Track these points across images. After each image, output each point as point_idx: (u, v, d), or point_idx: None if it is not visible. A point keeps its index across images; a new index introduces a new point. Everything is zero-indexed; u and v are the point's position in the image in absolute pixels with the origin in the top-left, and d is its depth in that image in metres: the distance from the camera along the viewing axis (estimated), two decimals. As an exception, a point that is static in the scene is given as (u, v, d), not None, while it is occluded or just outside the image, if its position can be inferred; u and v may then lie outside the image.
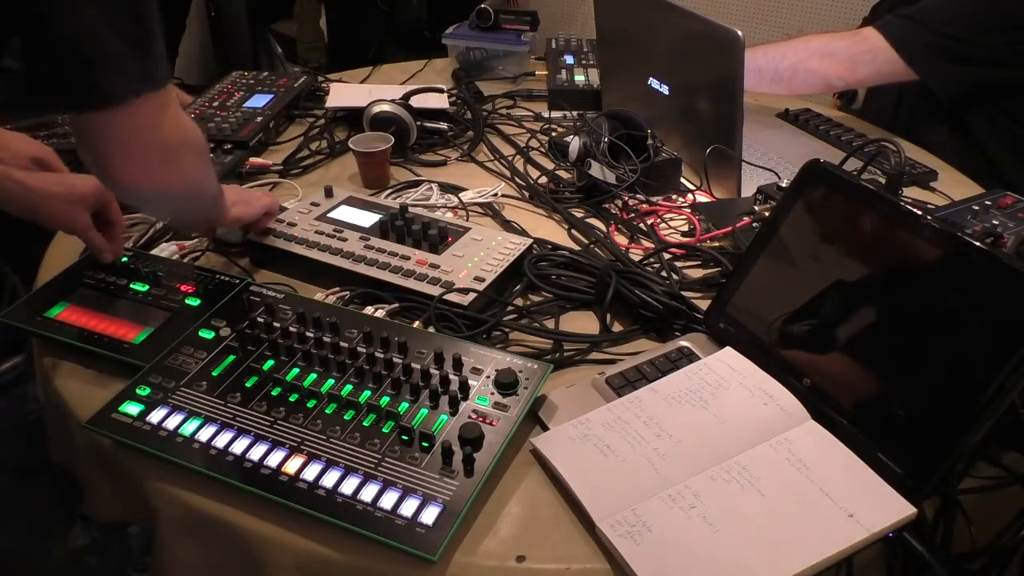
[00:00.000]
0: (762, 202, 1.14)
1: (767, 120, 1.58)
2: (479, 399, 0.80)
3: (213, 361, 0.84)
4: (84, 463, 0.88)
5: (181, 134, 0.79)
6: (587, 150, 1.21)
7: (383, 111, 1.36)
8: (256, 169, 1.32)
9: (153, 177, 0.77)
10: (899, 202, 0.81)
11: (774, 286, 0.89)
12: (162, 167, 0.77)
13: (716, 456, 0.75)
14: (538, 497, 0.75)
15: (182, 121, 0.80)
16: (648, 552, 0.66)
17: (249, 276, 1.00)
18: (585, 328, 0.96)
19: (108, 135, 0.73)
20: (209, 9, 2.94)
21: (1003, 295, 0.69)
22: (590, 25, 1.57)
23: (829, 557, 0.66)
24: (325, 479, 0.72)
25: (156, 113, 0.75)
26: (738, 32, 1.10)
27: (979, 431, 0.68)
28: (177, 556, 0.78)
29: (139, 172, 0.76)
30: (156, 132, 0.76)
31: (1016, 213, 1.13)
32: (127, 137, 0.74)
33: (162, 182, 0.78)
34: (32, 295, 0.97)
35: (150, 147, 0.76)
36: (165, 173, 0.78)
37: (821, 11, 2.70)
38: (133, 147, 0.75)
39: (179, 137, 0.79)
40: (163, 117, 0.76)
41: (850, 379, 0.78)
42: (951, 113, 1.45)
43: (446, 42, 1.80)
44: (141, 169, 0.76)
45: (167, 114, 0.76)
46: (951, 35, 1.34)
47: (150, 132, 0.75)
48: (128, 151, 0.75)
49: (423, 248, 1.04)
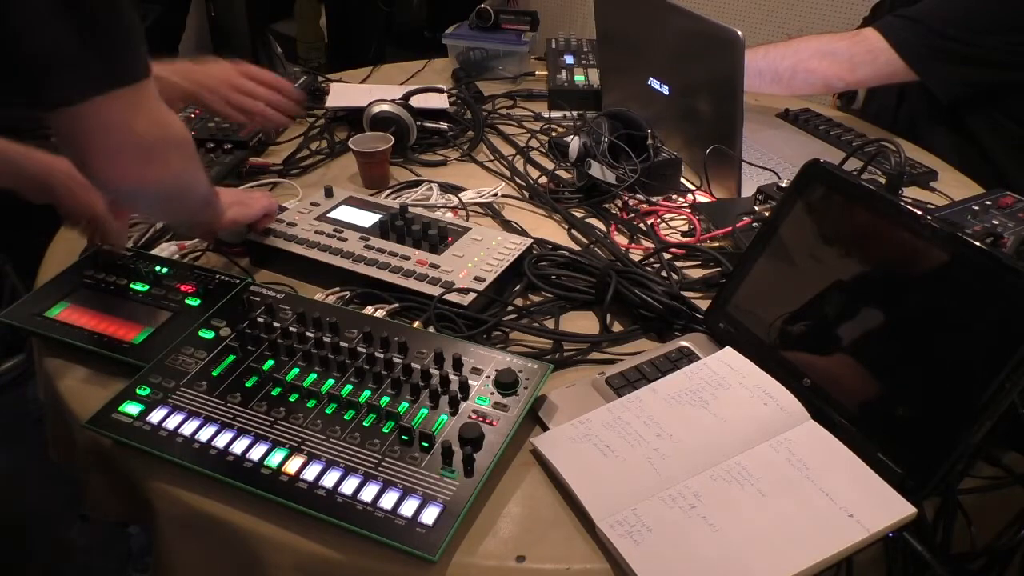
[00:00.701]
0: (762, 202, 1.14)
1: (767, 120, 1.58)
2: (479, 399, 0.80)
3: (213, 361, 0.84)
4: (84, 463, 0.88)
5: (161, 130, 0.77)
6: (587, 150, 1.21)
7: (383, 111, 1.36)
8: (256, 169, 1.32)
9: (132, 175, 0.76)
10: (899, 202, 0.81)
11: (774, 286, 0.89)
12: (142, 164, 0.76)
13: (716, 456, 0.75)
14: (538, 497, 0.75)
15: (163, 117, 0.77)
16: (648, 552, 0.66)
17: (249, 276, 1.00)
18: (585, 328, 0.96)
19: (78, 132, 0.72)
20: (209, 9, 2.95)
21: (1003, 295, 0.69)
22: (590, 25, 1.57)
23: (829, 557, 0.66)
24: (325, 479, 0.72)
25: (129, 109, 0.73)
26: (738, 32, 1.10)
27: (979, 431, 0.68)
28: (177, 556, 0.78)
29: (116, 169, 0.75)
30: (131, 129, 0.74)
31: (1016, 213, 1.13)
32: (98, 134, 0.72)
33: (142, 180, 0.77)
34: (32, 295, 0.97)
35: (125, 144, 0.74)
36: (145, 171, 0.76)
37: (821, 11, 2.70)
38: (107, 144, 0.73)
39: (158, 134, 0.76)
40: (136, 114, 0.73)
41: (850, 379, 0.78)
42: (951, 113, 1.45)
43: (446, 42, 1.80)
44: (118, 166, 0.75)
45: (141, 111, 0.74)
46: (951, 36, 1.34)
47: (125, 129, 0.73)
48: (102, 148, 0.73)
49: (423, 248, 1.04)
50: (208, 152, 1.31)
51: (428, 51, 1.92)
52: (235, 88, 1.20)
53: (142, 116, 0.74)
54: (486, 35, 1.79)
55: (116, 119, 0.72)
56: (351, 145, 1.29)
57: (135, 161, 0.75)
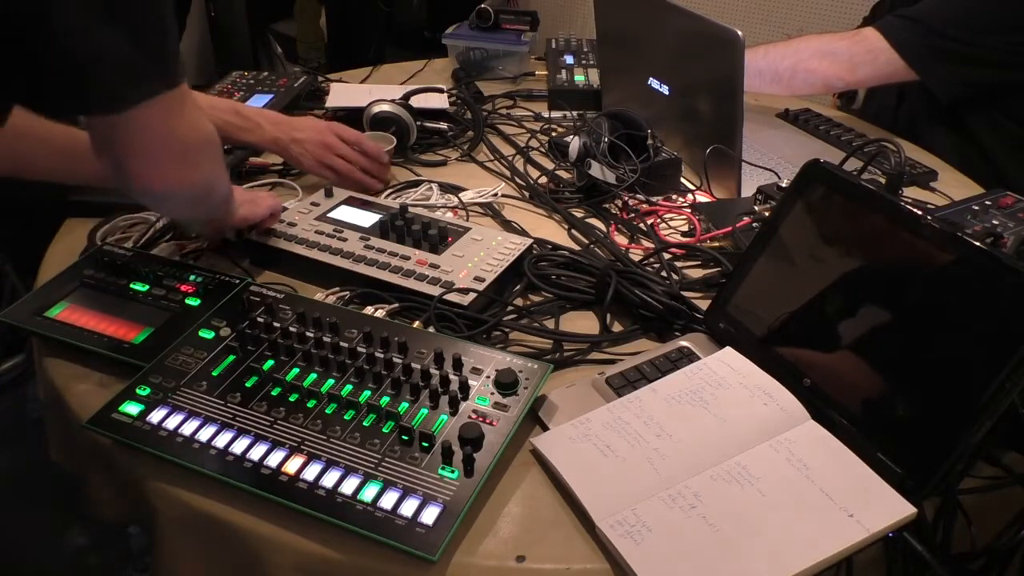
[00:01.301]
0: (762, 202, 1.14)
1: (767, 120, 1.58)
2: (479, 399, 0.80)
3: (213, 361, 0.84)
4: (84, 463, 0.88)
5: (198, 133, 0.78)
6: (587, 150, 1.21)
7: (383, 111, 1.36)
8: (256, 169, 1.32)
9: (170, 177, 0.77)
10: (899, 202, 0.81)
11: (774, 286, 0.89)
12: (179, 167, 0.77)
13: (716, 456, 0.75)
14: (538, 497, 0.75)
15: (198, 120, 0.78)
16: (648, 552, 0.66)
17: (249, 276, 1.00)
18: (585, 328, 0.96)
19: (124, 138, 0.73)
20: (209, 9, 2.94)
21: (1003, 295, 0.69)
22: (590, 25, 1.57)
23: (829, 557, 0.66)
24: (325, 479, 0.72)
25: (171, 113, 0.74)
26: (738, 32, 1.10)
27: (979, 431, 0.68)
28: (177, 556, 0.78)
29: (156, 173, 0.76)
30: (173, 132, 0.75)
31: (1016, 213, 1.13)
32: (143, 139, 0.73)
33: (179, 182, 0.78)
34: (32, 295, 0.97)
35: (168, 148, 0.75)
36: (182, 173, 0.78)
37: (821, 11, 2.70)
38: (150, 149, 0.74)
39: (196, 136, 0.78)
40: (179, 117, 0.75)
41: (850, 379, 0.78)
42: (951, 113, 1.45)
43: (446, 42, 1.80)
44: (158, 170, 0.76)
45: (183, 114, 0.75)
46: (951, 36, 1.34)
47: (167, 133, 0.74)
48: (145, 153, 0.74)
49: (423, 248, 1.04)
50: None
51: (428, 51, 1.92)
52: (326, 147, 1.21)
53: (183, 120, 0.75)
54: (486, 35, 1.79)
55: (159, 123, 0.73)
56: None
57: (174, 165, 0.76)
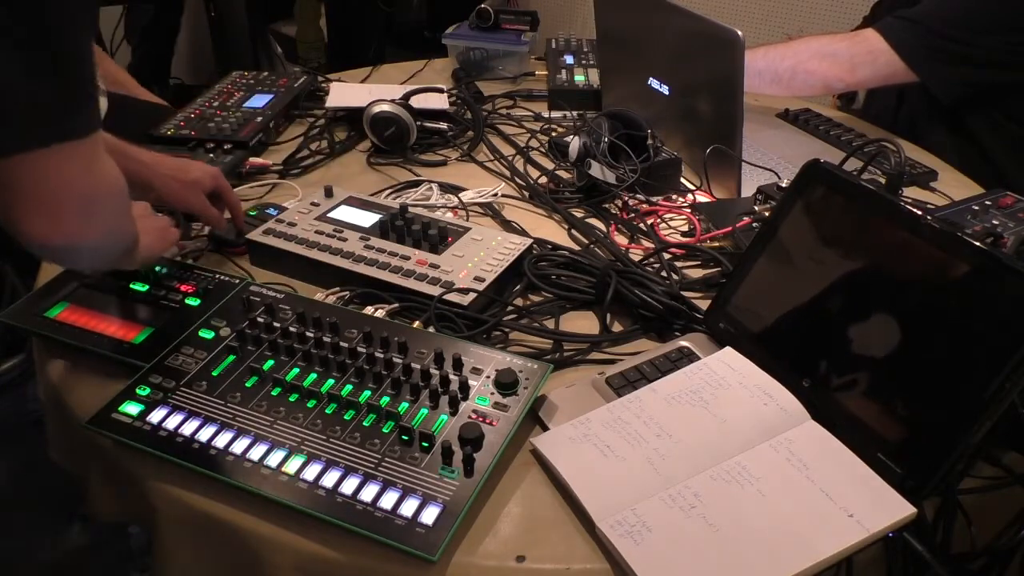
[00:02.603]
0: (762, 202, 1.14)
1: (767, 120, 1.58)
2: (479, 399, 0.80)
3: (213, 361, 0.84)
4: (84, 463, 0.88)
5: (106, 185, 0.71)
6: (587, 150, 1.21)
7: (383, 111, 1.36)
8: (256, 169, 1.32)
9: (67, 231, 0.69)
10: (899, 202, 0.81)
11: (774, 286, 0.89)
12: (81, 220, 0.70)
13: (716, 456, 0.75)
14: (538, 497, 0.75)
15: (109, 170, 0.71)
16: (648, 552, 0.66)
17: (249, 276, 1.00)
18: (585, 328, 0.96)
19: (16, 183, 0.65)
20: (209, 9, 2.94)
21: (1003, 295, 0.69)
22: (590, 25, 1.57)
23: (829, 557, 0.66)
24: (325, 479, 0.72)
25: (76, 163, 0.67)
26: (738, 32, 1.10)
27: (979, 431, 0.68)
28: (177, 556, 0.78)
29: (53, 225, 0.68)
30: (77, 183, 0.68)
31: (1016, 213, 1.13)
32: (40, 187, 0.66)
33: (80, 236, 0.71)
34: (32, 295, 0.97)
35: (69, 199, 0.68)
36: (84, 227, 0.71)
37: (821, 11, 2.70)
38: (49, 198, 0.67)
39: (103, 189, 0.71)
40: (85, 168, 0.68)
41: (850, 379, 0.78)
42: (951, 113, 1.45)
43: (446, 42, 1.80)
44: (56, 222, 0.68)
45: (91, 164, 0.69)
46: (951, 37, 1.34)
47: (69, 183, 0.67)
48: (42, 202, 0.67)
49: (423, 248, 1.04)
50: (208, 152, 1.31)
51: (428, 51, 1.91)
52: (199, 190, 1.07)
53: (90, 170, 0.69)
54: (486, 35, 1.79)
55: (64, 172, 0.66)
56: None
57: (75, 217, 0.69)
